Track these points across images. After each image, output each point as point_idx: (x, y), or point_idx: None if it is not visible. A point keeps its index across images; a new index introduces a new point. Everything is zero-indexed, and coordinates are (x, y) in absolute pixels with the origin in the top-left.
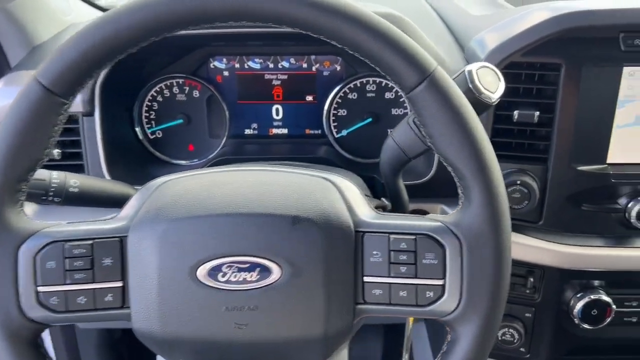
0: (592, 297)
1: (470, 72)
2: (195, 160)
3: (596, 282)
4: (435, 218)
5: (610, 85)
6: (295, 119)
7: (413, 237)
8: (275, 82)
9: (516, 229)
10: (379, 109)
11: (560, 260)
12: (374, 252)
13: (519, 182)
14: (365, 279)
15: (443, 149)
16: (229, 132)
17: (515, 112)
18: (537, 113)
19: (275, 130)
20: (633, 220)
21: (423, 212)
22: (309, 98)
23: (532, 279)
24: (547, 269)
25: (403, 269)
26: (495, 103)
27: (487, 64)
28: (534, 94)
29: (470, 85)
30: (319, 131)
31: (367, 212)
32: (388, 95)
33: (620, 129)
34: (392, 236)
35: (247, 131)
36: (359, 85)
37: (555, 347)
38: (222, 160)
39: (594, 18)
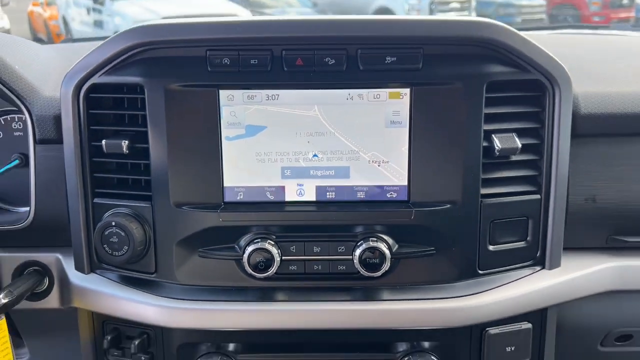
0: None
1: None
2: None
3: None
4: None
5: (209, 110)
6: None
7: None
8: None
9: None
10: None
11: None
12: None
13: (113, 223)
14: None
15: None
16: None
17: (104, 142)
18: (126, 142)
19: None
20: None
21: None
22: None
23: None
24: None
25: None
26: None
27: None
28: (127, 121)
29: None
30: None
31: None
32: None
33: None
34: None
35: None
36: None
37: None
38: None
39: (173, 32)
